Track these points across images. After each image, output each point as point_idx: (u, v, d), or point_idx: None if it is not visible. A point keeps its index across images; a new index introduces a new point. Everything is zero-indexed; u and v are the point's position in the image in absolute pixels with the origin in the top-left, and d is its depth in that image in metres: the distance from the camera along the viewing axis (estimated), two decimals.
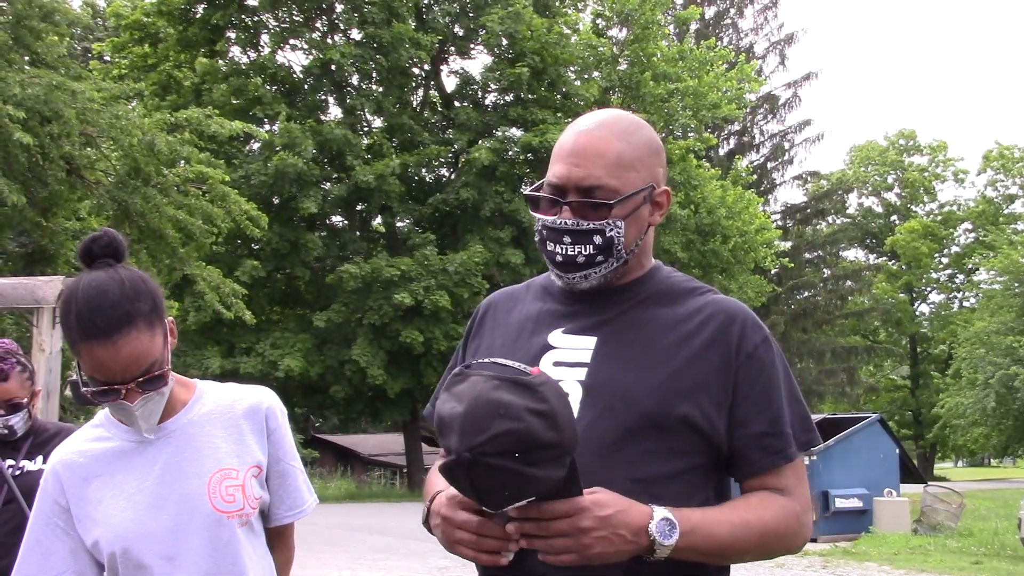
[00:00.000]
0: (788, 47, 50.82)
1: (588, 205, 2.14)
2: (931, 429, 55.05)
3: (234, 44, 33.69)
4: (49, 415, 8.02)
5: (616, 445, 2.07)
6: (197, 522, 2.39)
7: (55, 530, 2.43)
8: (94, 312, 2.25)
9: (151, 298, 2.34)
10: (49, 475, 2.46)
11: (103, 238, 2.35)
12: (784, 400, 2.17)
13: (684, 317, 2.18)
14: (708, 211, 35.41)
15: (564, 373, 2.15)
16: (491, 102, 35.05)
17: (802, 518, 2.15)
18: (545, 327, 2.25)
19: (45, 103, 14.65)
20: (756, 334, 2.17)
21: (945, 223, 61.68)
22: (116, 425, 2.47)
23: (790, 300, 49.03)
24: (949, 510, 18.97)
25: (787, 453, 2.14)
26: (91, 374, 2.29)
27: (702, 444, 2.12)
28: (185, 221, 17.22)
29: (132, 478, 2.41)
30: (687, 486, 2.10)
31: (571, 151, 2.19)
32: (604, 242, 2.15)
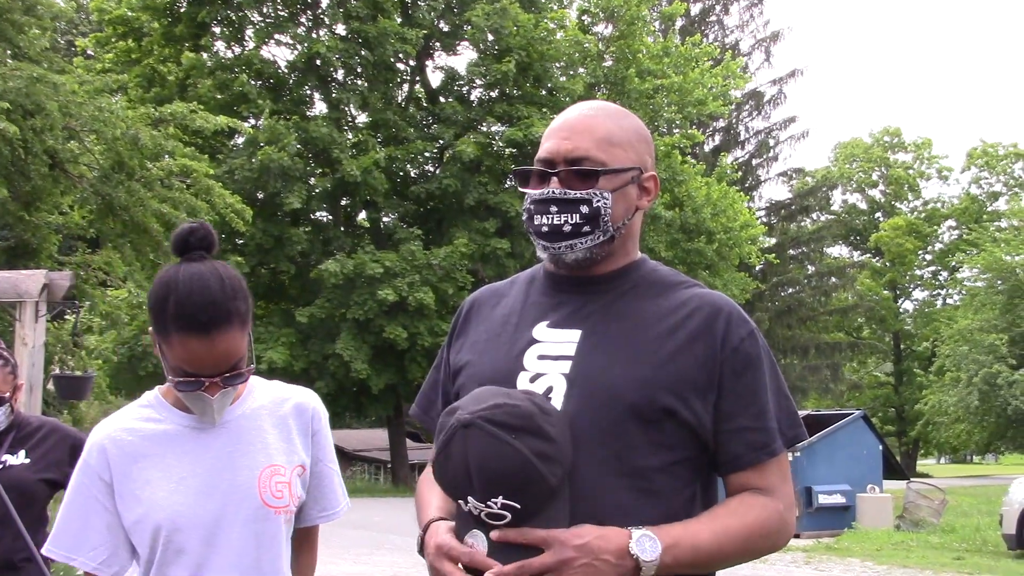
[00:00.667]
0: (774, 44, 50.95)
1: (576, 174, 2.17)
2: (914, 426, 55.20)
3: (219, 39, 33.59)
4: (32, 409, 7.99)
5: (601, 439, 2.06)
6: (245, 514, 2.41)
7: (94, 504, 2.44)
8: (196, 307, 2.28)
9: (246, 298, 2.38)
10: (94, 449, 2.47)
11: (200, 230, 2.37)
12: (770, 395, 2.16)
13: (669, 310, 2.18)
14: (693, 210, 35.46)
15: (548, 366, 2.14)
16: (476, 98, 35.03)
17: (785, 516, 2.14)
18: (530, 320, 2.24)
19: (27, 96, 14.56)
20: (742, 328, 2.16)
21: (929, 220, 61.84)
22: (168, 408, 2.50)
23: (774, 297, 49.13)
24: (931, 506, 19.06)
25: (771, 448, 2.13)
26: (179, 364, 2.33)
27: (688, 438, 2.11)
28: (169, 215, 17.15)
29: (184, 463, 2.42)
30: (674, 480, 2.09)
31: (561, 127, 2.24)
32: (591, 212, 2.16)
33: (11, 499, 3.75)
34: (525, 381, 2.14)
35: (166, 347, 2.34)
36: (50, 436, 4.38)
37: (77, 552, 2.44)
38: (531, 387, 2.13)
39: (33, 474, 4.24)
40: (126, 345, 29.22)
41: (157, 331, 2.35)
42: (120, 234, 17.57)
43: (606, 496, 2.04)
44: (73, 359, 16.98)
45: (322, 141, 30.53)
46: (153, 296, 2.34)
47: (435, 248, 30.84)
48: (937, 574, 13.62)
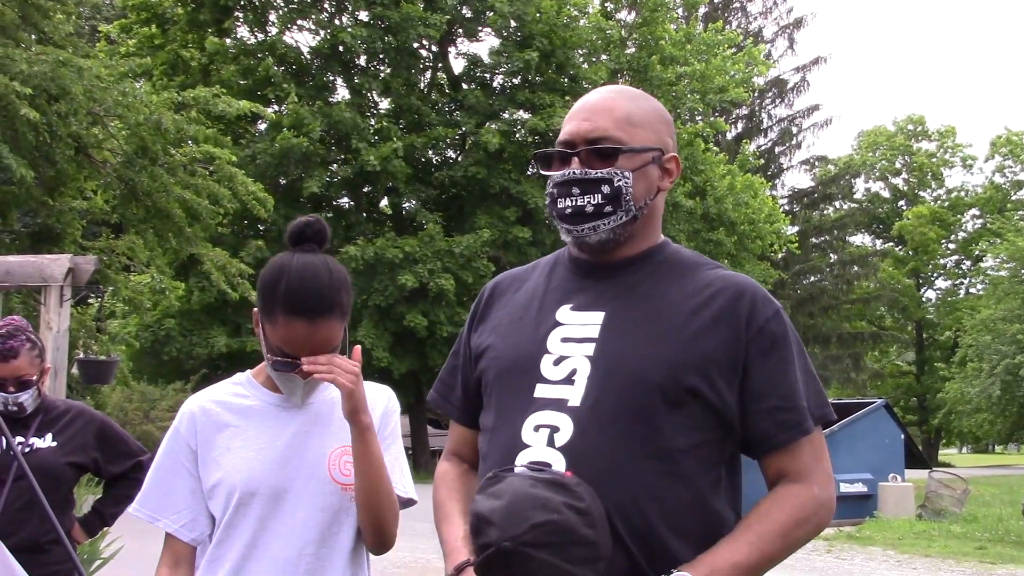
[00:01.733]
0: (797, 31, 50.65)
1: (596, 154, 2.19)
2: (936, 415, 54.98)
3: (242, 24, 33.61)
4: (56, 393, 8.05)
5: (626, 420, 2.06)
6: (313, 487, 2.55)
7: (180, 469, 2.61)
8: (306, 292, 2.43)
9: (350, 291, 2.54)
10: (184, 417, 2.64)
11: (315, 224, 2.53)
12: (798, 374, 2.15)
13: (693, 291, 2.18)
14: (715, 199, 35.32)
15: (572, 349, 2.15)
16: (498, 84, 34.96)
17: (820, 496, 2.13)
18: (553, 303, 2.25)
19: (52, 80, 14.62)
20: (767, 308, 2.17)
21: (953, 209, 61.50)
22: (256, 387, 2.67)
23: (796, 285, 48.94)
24: (953, 496, 18.98)
25: (804, 427, 2.13)
26: (280, 344, 2.48)
27: (713, 419, 2.11)
28: (192, 201, 17.20)
29: (264, 436, 2.58)
30: (699, 461, 2.09)
31: (580, 108, 2.27)
32: (612, 191, 2.17)
33: (38, 482, 3.77)
34: (549, 364, 2.15)
35: (269, 327, 2.49)
36: (76, 420, 4.41)
37: (162, 513, 2.60)
38: (554, 370, 2.14)
39: (60, 457, 4.27)
40: (149, 330, 29.35)
41: (263, 311, 2.49)
42: (143, 219, 17.64)
43: (633, 478, 2.04)
44: (97, 344, 17.09)
45: (344, 127, 30.52)
46: (265, 279, 2.49)
47: (457, 235, 30.83)
48: (959, 564, 13.58)
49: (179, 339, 29.77)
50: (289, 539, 2.52)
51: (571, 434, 2.06)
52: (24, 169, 14.32)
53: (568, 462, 2.04)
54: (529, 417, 2.12)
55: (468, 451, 2.43)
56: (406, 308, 29.69)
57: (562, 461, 2.05)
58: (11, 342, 4.20)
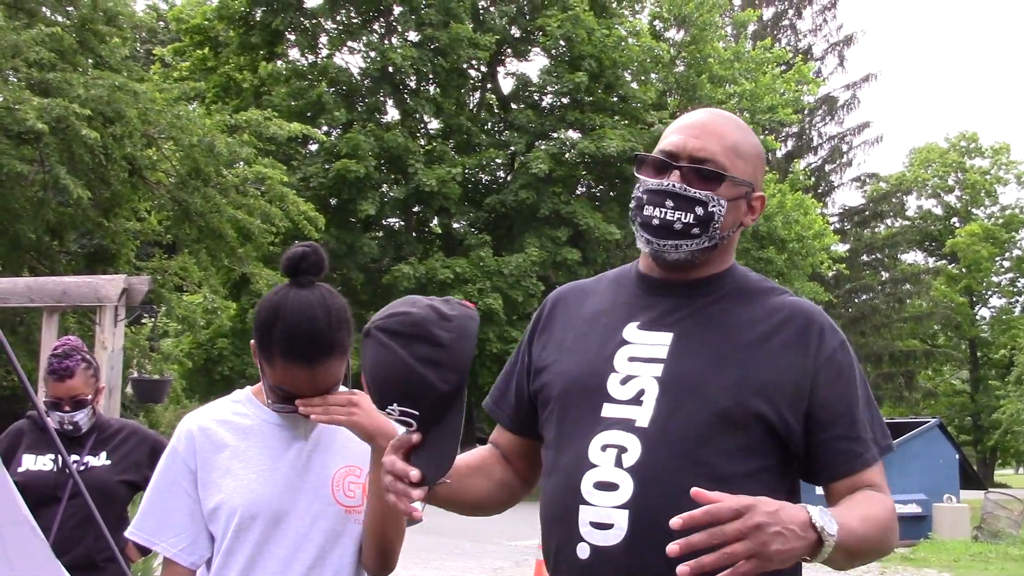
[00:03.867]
0: (847, 48, 50.28)
1: (699, 174, 2.17)
2: (991, 435, 54.17)
3: (293, 46, 33.96)
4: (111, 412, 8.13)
5: (694, 443, 2.06)
6: (316, 509, 2.50)
7: (178, 491, 2.54)
8: (302, 337, 2.36)
9: (349, 326, 2.46)
10: (183, 437, 2.57)
11: (311, 255, 2.44)
12: (861, 404, 2.16)
13: (761, 316, 2.18)
14: (765, 217, 35.13)
15: (640, 368, 2.15)
16: (548, 104, 35.03)
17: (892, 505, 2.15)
18: (619, 321, 2.24)
19: (108, 104, 14.87)
20: (834, 338, 2.17)
21: (1007, 226, 60.71)
22: (257, 405, 2.59)
23: (848, 303, 48.50)
24: (1010, 517, 18.72)
25: (866, 458, 2.13)
26: (279, 384, 2.42)
27: (776, 444, 2.11)
28: (244, 221, 17.38)
29: (265, 456, 2.52)
30: (762, 487, 2.06)
31: (691, 124, 2.23)
32: (705, 215, 2.15)
33: (93, 500, 3.82)
34: (616, 383, 2.15)
35: (267, 367, 2.43)
36: (130, 438, 4.46)
37: (159, 537, 2.53)
38: (622, 389, 2.13)
39: (114, 475, 4.32)
40: (201, 348, 29.63)
41: (260, 351, 2.43)
42: (196, 239, 17.85)
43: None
44: (150, 363, 17.27)
45: (397, 150, 30.73)
46: (260, 319, 2.41)
47: (506, 254, 30.88)
48: None
49: (231, 358, 30.03)
50: (286, 562, 2.48)
51: (639, 455, 2.06)
52: (81, 190, 14.56)
53: (636, 483, 2.04)
54: (596, 436, 2.11)
55: (506, 448, 2.43)
56: None
57: (630, 481, 2.04)
58: (67, 362, 4.27)
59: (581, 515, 2.06)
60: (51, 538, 4.05)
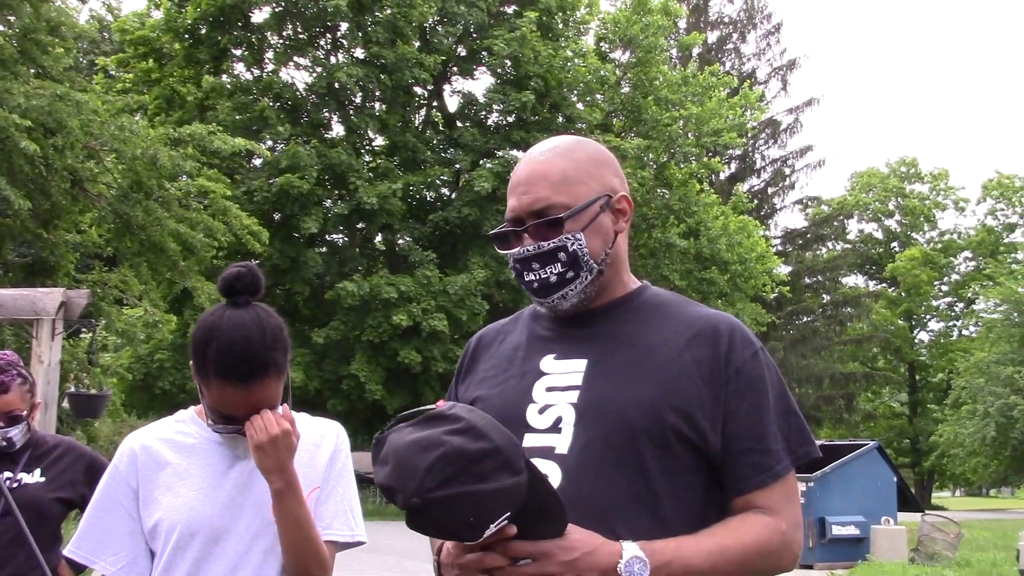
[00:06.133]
0: (790, 72, 50.88)
1: (543, 226, 2.17)
2: (929, 457, 54.96)
3: (238, 61, 33.79)
4: (47, 427, 8.01)
5: (614, 465, 2.06)
6: (255, 527, 2.49)
7: (119, 510, 2.53)
8: (236, 357, 2.36)
9: (285, 346, 2.46)
10: (125, 456, 2.57)
11: (247, 276, 2.45)
12: (775, 415, 2.15)
13: (674, 332, 2.18)
14: (709, 239, 35.40)
15: (557, 397, 2.15)
16: (493, 123, 35.11)
17: (788, 535, 2.12)
18: (536, 353, 2.25)
19: (49, 114, 14.70)
20: (746, 348, 2.16)
21: (945, 251, 61.72)
22: (200, 425, 2.58)
23: (789, 325, 48.97)
24: (947, 539, 18.89)
25: (774, 471, 2.12)
26: (215, 406, 2.42)
27: (699, 461, 2.11)
28: (186, 235, 17.24)
29: (206, 474, 2.51)
30: (690, 504, 2.09)
31: (518, 182, 2.25)
32: (568, 257, 2.16)
33: (26, 517, 3.76)
34: (534, 413, 2.15)
35: (204, 388, 2.42)
36: (66, 455, 4.39)
37: (98, 555, 2.52)
38: (540, 419, 2.14)
39: (48, 493, 4.24)
40: (141, 363, 29.30)
41: (197, 372, 2.42)
42: (137, 253, 17.68)
43: (623, 523, 2.03)
44: (88, 377, 17.05)
45: (341, 167, 30.64)
46: (196, 340, 2.41)
47: (451, 272, 30.87)
48: None
49: (171, 372, 29.73)
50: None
51: (560, 482, 2.05)
52: (21, 200, 14.36)
53: None
54: None
55: None
56: (400, 344, 29.69)
57: None
58: (1, 377, 4.19)
59: None
60: None
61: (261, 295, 2.47)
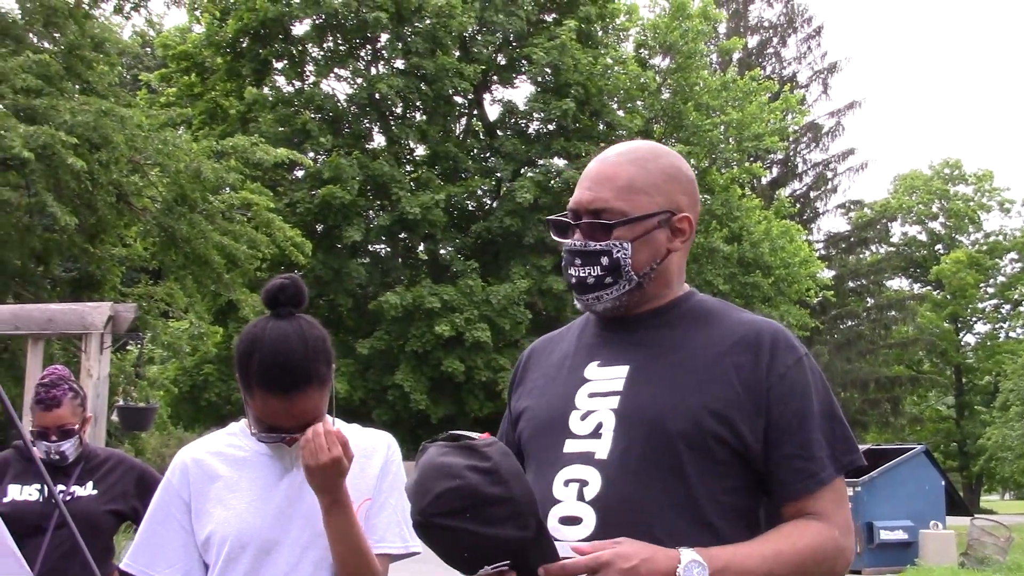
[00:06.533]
0: (831, 76, 50.54)
1: (594, 227, 2.20)
2: (977, 461, 54.29)
3: (280, 74, 34.02)
4: (96, 440, 8.10)
5: (653, 470, 2.08)
6: (305, 539, 2.51)
7: (172, 523, 2.57)
8: (280, 368, 2.38)
9: (328, 357, 2.48)
10: (177, 469, 2.60)
11: (290, 287, 2.47)
12: (820, 421, 2.14)
13: (718, 338, 2.19)
14: (751, 244, 35.24)
15: (599, 403, 2.17)
16: (534, 131, 35.12)
17: (840, 542, 2.13)
18: (582, 361, 2.27)
19: (94, 129, 14.84)
20: (789, 355, 2.16)
21: (991, 253, 61.03)
22: (249, 437, 2.60)
23: (833, 330, 48.60)
24: (997, 543, 18.70)
25: (820, 477, 2.12)
26: (260, 417, 2.45)
27: (740, 464, 2.12)
28: (230, 247, 17.35)
29: (256, 487, 2.54)
30: (731, 509, 2.10)
31: (586, 177, 2.27)
32: (611, 263, 2.18)
33: (79, 530, 3.80)
34: (576, 419, 2.17)
35: (249, 399, 2.45)
36: (117, 468, 4.44)
37: (153, 568, 2.56)
38: (581, 424, 2.16)
39: (101, 505, 4.30)
40: (187, 375, 29.52)
41: (241, 383, 2.45)
42: (182, 266, 17.80)
43: (662, 528, 2.05)
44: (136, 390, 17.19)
45: (383, 178, 30.77)
46: (239, 351, 2.43)
47: (493, 281, 30.88)
48: None
49: (217, 384, 29.90)
50: None
51: (600, 487, 2.08)
52: (67, 217, 14.52)
53: (598, 515, 2.06)
54: (560, 472, 2.14)
55: None
56: (443, 354, 29.74)
57: (592, 515, 2.07)
58: (54, 391, 4.25)
59: None
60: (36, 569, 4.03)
61: (305, 306, 2.49)
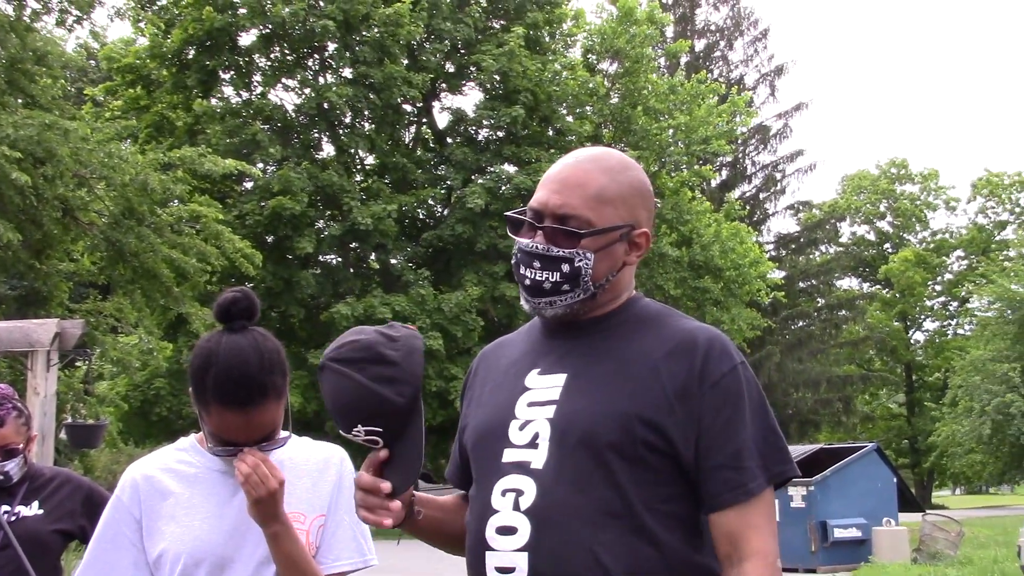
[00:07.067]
0: (778, 78, 51.05)
1: (560, 232, 2.16)
2: (928, 457, 54.98)
3: (227, 85, 33.80)
4: (44, 459, 8.01)
5: (584, 478, 2.06)
6: (259, 556, 2.48)
7: (122, 540, 2.53)
8: (236, 383, 2.36)
9: (283, 369, 2.47)
10: (127, 486, 2.56)
11: (243, 300, 2.45)
12: (752, 431, 2.12)
13: (654, 346, 2.17)
14: (701, 247, 35.43)
15: (536, 412, 2.16)
16: (484, 138, 35.16)
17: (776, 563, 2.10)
18: (524, 369, 2.26)
19: (38, 143, 14.68)
20: (724, 363, 2.13)
21: (938, 251, 61.83)
22: (201, 453, 2.58)
23: (784, 330, 49.00)
24: (948, 538, 18.92)
25: (748, 488, 2.08)
26: (216, 432, 2.42)
27: (675, 473, 2.10)
28: (179, 260, 17.22)
29: (210, 503, 2.51)
30: (669, 516, 2.09)
31: (554, 178, 2.22)
32: (571, 271, 2.15)
33: (25, 550, 3.76)
34: (515, 428, 2.16)
35: (204, 414, 2.42)
36: (63, 487, 4.38)
37: None
38: (520, 434, 2.15)
39: (47, 525, 4.24)
40: (138, 391, 29.24)
41: (196, 399, 2.42)
42: (130, 280, 17.65)
43: (596, 538, 2.04)
44: (85, 407, 17.01)
45: (332, 188, 30.67)
46: (194, 366, 2.41)
47: (445, 289, 30.85)
48: None
49: (168, 399, 29.66)
50: None
51: (535, 497, 2.07)
52: (11, 233, 14.34)
53: (532, 525, 2.05)
54: (498, 482, 2.13)
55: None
56: None
57: (527, 524, 2.06)
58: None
59: (488, 561, 2.09)
60: None
61: (257, 319, 2.47)
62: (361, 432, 2.10)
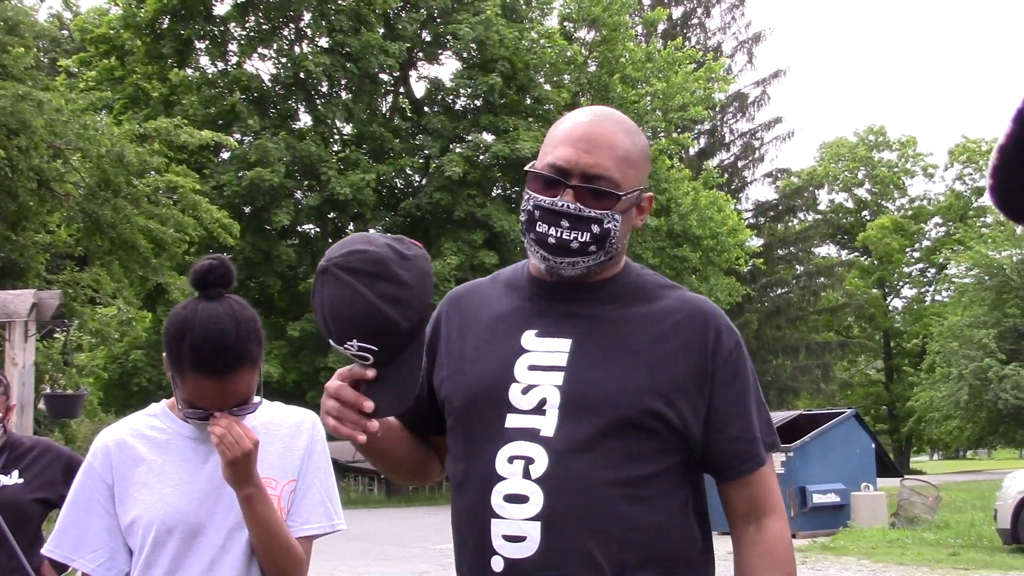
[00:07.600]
0: (756, 45, 50.87)
1: (593, 192, 2.12)
2: (906, 423, 55.35)
3: (203, 54, 33.57)
4: (23, 429, 7.98)
5: (597, 448, 2.07)
6: (231, 522, 2.49)
7: (95, 507, 2.53)
8: (212, 351, 2.35)
9: (259, 337, 2.46)
10: (99, 452, 2.56)
11: (219, 268, 2.43)
12: (753, 405, 2.21)
13: (658, 316, 2.18)
14: (680, 216, 35.43)
15: (541, 377, 2.13)
16: (461, 107, 35.05)
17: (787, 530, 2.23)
18: (517, 328, 2.21)
19: (12, 114, 14.56)
20: (731, 339, 2.19)
21: (915, 218, 62.04)
22: (172, 419, 2.58)
23: (763, 298, 49.12)
24: (926, 503, 19.07)
25: (760, 458, 2.19)
26: (190, 399, 2.40)
27: (679, 444, 2.14)
28: (157, 231, 17.14)
29: (181, 470, 2.51)
30: (667, 485, 2.12)
31: (582, 136, 2.16)
32: (601, 232, 2.12)
33: (5, 520, 3.75)
34: (517, 392, 2.14)
35: (179, 381, 2.41)
36: (43, 456, 4.37)
37: (77, 553, 2.52)
38: (523, 399, 2.13)
39: (27, 494, 4.23)
40: (116, 361, 29.17)
41: (171, 365, 2.41)
42: (108, 251, 17.56)
43: (609, 507, 2.06)
44: (64, 377, 16.96)
45: (310, 158, 30.54)
46: (169, 333, 2.40)
47: None
48: (933, 571, 13.65)
49: (147, 369, 29.62)
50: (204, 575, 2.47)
51: (547, 466, 2.06)
52: None
53: (545, 493, 2.04)
54: (502, 448, 2.10)
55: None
56: None
57: (540, 493, 2.05)
58: None
59: (493, 529, 2.06)
60: None
61: (234, 287, 2.46)
62: (354, 346, 2.01)
